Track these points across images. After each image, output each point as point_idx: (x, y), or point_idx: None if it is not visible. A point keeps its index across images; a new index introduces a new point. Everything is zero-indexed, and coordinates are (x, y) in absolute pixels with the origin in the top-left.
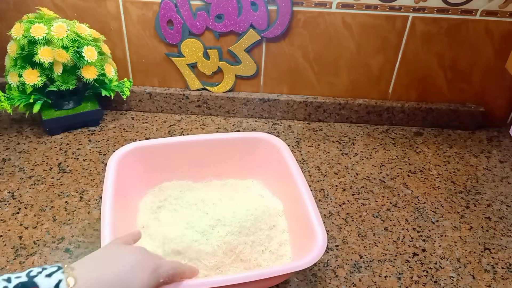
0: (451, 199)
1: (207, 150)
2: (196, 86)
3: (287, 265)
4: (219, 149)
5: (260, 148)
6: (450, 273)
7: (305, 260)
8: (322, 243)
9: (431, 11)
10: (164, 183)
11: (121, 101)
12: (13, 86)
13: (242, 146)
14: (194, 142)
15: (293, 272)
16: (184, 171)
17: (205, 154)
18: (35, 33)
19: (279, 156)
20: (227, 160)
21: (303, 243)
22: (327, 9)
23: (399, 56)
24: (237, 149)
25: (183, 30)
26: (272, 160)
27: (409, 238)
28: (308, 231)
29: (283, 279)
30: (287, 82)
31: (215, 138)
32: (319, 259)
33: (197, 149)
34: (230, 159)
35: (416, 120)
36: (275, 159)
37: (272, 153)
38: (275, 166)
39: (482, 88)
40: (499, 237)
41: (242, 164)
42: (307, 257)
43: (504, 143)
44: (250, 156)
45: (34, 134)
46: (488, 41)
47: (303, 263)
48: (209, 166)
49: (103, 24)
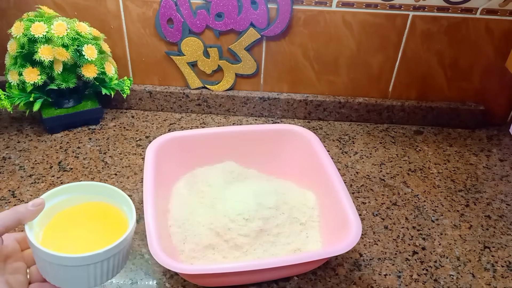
0: (451, 198)
1: (239, 141)
2: (196, 85)
3: (326, 250)
4: (250, 140)
5: (290, 139)
6: (450, 271)
7: (342, 245)
8: (356, 229)
9: (431, 9)
10: (196, 169)
11: (121, 100)
12: (13, 84)
13: (272, 137)
14: (226, 133)
15: (328, 258)
16: (216, 161)
17: (237, 144)
18: (35, 31)
19: (310, 147)
20: (257, 150)
21: (335, 232)
22: (327, 7)
23: (399, 55)
24: (267, 140)
25: (183, 29)
26: (304, 151)
27: (409, 237)
28: (342, 219)
29: (318, 264)
30: (287, 80)
31: (247, 130)
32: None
33: (229, 140)
34: (261, 150)
35: (416, 118)
36: (307, 150)
37: (303, 145)
38: (306, 157)
39: (482, 87)
40: (499, 236)
41: (273, 155)
42: (343, 242)
43: (504, 141)
44: (281, 147)
45: (34, 133)
46: (488, 39)
47: (340, 248)
48: (241, 156)
49: (103, 22)
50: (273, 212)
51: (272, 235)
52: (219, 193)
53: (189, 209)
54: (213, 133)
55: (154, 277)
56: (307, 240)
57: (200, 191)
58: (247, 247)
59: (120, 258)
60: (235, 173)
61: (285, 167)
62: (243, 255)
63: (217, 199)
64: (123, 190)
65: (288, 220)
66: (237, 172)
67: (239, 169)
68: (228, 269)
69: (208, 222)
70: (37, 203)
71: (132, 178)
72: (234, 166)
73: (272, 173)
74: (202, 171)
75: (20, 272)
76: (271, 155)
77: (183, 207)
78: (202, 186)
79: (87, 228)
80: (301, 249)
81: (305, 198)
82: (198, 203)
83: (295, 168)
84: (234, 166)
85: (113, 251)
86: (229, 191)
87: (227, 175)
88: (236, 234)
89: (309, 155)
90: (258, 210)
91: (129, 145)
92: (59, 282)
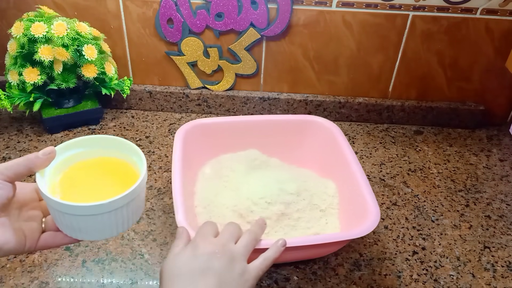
0: (451, 198)
1: (262, 130)
2: (196, 85)
3: (347, 232)
4: (273, 130)
5: (312, 130)
6: (450, 271)
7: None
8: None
9: (431, 9)
10: (221, 155)
11: (121, 100)
12: (13, 84)
13: (295, 127)
14: (250, 122)
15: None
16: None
17: (260, 134)
18: (35, 31)
19: (332, 138)
20: (280, 140)
21: (354, 220)
22: (327, 7)
23: (399, 55)
24: (290, 130)
25: (183, 29)
26: (326, 142)
27: (409, 237)
28: (361, 207)
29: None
30: (287, 80)
31: (270, 119)
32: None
33: (252, 129)
34: (284, 140)
35: (416, 118)
36: (329, 140)
37: (326, 135)
38: (328, 148)
39: (482, 87)
40: (499, 236)
41: (295, 145)
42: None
43: (504, 141)
44: (303, 138)
45: (34, 133)
46: (488, 39)
47: (360, 231)
48: (264, 145)
49: (103, 22)
50: (294, 198)
51: (292, 219)
52: (242, 178)
53: (214, 192)
54: (238, 121)
55: (154, 277)
56: (326, 226)
57: (225, 176)
58: (269, 229)
59: (133, 208)
60: (258, 161)
61: (307, 157)
62: (264, 236)
63: (241, 184)
64: None
65: (309, 206)
66: (260, 160)
67: (262, 157)
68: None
69: (232, 204)
70: (48, 152)
71: None
72: (257, 154)
73: (294, 163)
74: (227, 157)
75: (35, 220)
76: (293, 145)
77: (208, 190)
78: (227, 171)
79: (100, 180)
80: (320, 233)
81: (325, 187)
82: (223, 186)
83: (317, 158)
84: (257, 154)
85: (125, 200)
86: (252, 177)
87: (250, 163)
88: (258, 216)
89: (331, 145)
90: (280, 195)
91: None
92: (72, 232)
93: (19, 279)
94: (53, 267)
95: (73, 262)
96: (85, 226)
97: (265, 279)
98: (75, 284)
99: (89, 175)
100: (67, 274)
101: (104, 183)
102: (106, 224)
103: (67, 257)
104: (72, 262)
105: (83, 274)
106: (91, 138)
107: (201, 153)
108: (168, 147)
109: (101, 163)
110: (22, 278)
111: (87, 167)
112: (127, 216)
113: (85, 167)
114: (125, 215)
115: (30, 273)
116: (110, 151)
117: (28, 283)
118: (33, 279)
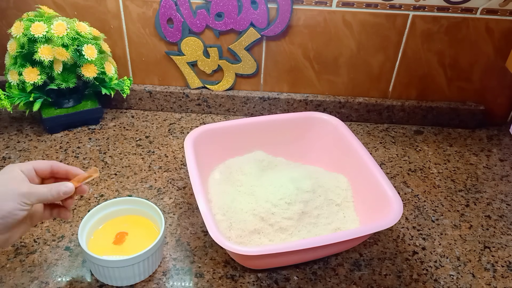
0: (451, 198)
1: (265, 131)
2: (196, 85)
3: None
4: (276, 129)
5: (315, 126)
6: (450, 271)
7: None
8: (398, 205)
9: (431, 9)
10: (228, 159)
11: (121, 100)
12: (13, 84)
13: (297, 125)
14: (252, 124)
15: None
16: (245, 151)
17: (263, 134)
18: (35, 31)
19: (337, 132)
20: (283, 139)
21: (373, 211)
22: (327, 7)
23: (399, 55)
24: (292, 128)
25: (183, 29)
26: (330, 137)
27: (409, 237)
28: (379, 197)
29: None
30: (287, 80)
31: (272, 119)
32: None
33: (255, 130)
34: (287, 138)
35: (416, 118)
36: (333, 135)
37: (329, 130)
38: (334, 142)
39: (482, 87)
40: (499, 236)
41: (299, 142)
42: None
43: (504, 141)
44: (306, 134)
45: (34, 133)
46: (488, 39)
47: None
48: (268, 145)
49: (103, 22)
50: (311, 195)
51: (312, 216)
52: (256, 181)
53: (230, 197)
54: (242, 124)
55: (154, 277)
56: (345, 219)
57: (237, 180)
58: (292, 229)
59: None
60: (265, 162)
61: (311, 153)
62: (289, 237)
63: (256, 186)
64: (123, 190)
65: (325, 202)
66: (267, 161)
67: (268, 158)
68: (297, 247)
69: (250, 209)
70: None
71: (132, 178)
72: (263, 155)
73: (299, 160)
74: (234, 161)
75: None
76: (297, 143)
77: (223, 196)
78: (237, 175)
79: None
80: (340, 228)
81: (337, 181)
82: (237, 191)
83: (323, 153)
84: (263, 155)
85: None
86: (265, 178)
87: (258, 164)
88: (280, 217)
89: (337, 139)
90: (298, 194)
91: (129, 145)
92: (103, 278)
93: (19, 279)
94: (53, 267)
95: (73, 262)
96: (113, 275)
97: (265, 279)
98: (75, 284)
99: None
100: (67, 274)
101: (129, 239)
102: (129, 273)
103: (67, 257)
104: (72, 262)
105: (83, 274)
106: (121, 200)
107: (209, 159)
108: (168, 147)
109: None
110: (22, 278)
111: (117, 224)
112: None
113: (115, 224)
114: (146, 266)
115: (30, 273)
116: (134, 209)
117: (28, 283)
118: (33, 279)
